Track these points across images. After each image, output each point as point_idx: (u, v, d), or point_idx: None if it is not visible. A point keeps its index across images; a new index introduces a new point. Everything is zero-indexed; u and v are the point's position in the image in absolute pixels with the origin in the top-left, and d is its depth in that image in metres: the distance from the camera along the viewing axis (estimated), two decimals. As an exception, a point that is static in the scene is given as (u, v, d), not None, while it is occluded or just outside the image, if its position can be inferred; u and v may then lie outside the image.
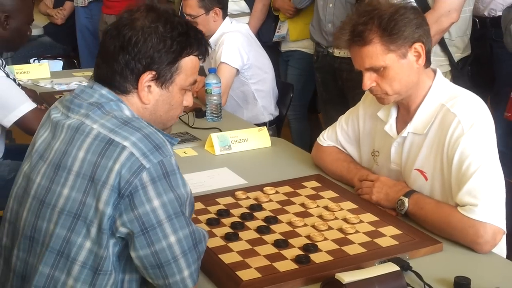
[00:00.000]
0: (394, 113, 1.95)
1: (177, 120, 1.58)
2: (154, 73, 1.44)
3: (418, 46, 1.78)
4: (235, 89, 3.31)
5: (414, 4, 1.84)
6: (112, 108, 1.43)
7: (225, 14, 3.32)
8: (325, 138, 2.21)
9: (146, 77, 1.44)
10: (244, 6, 4.07)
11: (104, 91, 1.46)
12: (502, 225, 1.67)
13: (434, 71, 1.89)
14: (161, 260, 1.36)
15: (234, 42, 3.21)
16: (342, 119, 2.18)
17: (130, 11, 1.48)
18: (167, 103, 1.50)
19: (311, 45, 3.91)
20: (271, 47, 3.95)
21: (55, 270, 1.39)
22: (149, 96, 1.47)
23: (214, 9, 3.25)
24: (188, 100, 1.56)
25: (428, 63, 1.84)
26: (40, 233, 1.41)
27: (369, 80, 1.81)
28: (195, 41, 1.49)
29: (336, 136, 2.17)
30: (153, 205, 1.34)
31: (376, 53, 1.76)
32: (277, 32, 4.03)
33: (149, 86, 1.46)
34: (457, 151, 1.73)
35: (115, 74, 1.45)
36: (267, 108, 3.42)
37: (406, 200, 1.81)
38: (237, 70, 3.23)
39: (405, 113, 1.92)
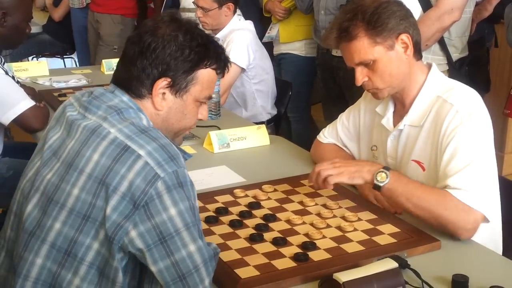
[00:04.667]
0: (391, 108, 1.97)
1: (187, 132, 1.57)
2: (169, 80, 1.47)
3: (404, 37, 1.81)
4: (236, 88, 3.30)
5: None
6: (131, 116, 1.44)
7: (235, 10, 3.29)
8: (326, 136, 2.22)
9: (161, 83, 1.47)
10: None
11: (125, 98, 1.48)
12: (487, 213, 1.67)
13: (429, 66, 1.90)
14: (182, 270, 1.35)
15: (244, 41, 3.18)
16: (342, 116, 2.19)
17: (154, 19, 1.51)
18: (180, 112, 1.51)
19: (302, 47, 3.92)
20: (267, 46, 3.94)
21: (62, 269, 1.39)
22: (163, 102, 1.49)
23: (228, 4, 3.21)
24: (203, 114, 1.58)
25: (418, 55, 1.86)
26: (43, 229, 1.41)
27: (361, 75, 1.84)
28: (214, 55, 1.51)
29: (337, 132, 2.18)
30: (170, 213, 1.34)
31: (363, 47, 1.80)
32: (268, 33, 4.01)
33: (164, 93, 1.48)
34: (454, 139, 1.73)
35: (132, 78, 1.47)
36: (265, 107, 3.42)
37: (387, 172, 1.72)
38: (243, 69, 3.20)
39: (401, 108, 1.93)
